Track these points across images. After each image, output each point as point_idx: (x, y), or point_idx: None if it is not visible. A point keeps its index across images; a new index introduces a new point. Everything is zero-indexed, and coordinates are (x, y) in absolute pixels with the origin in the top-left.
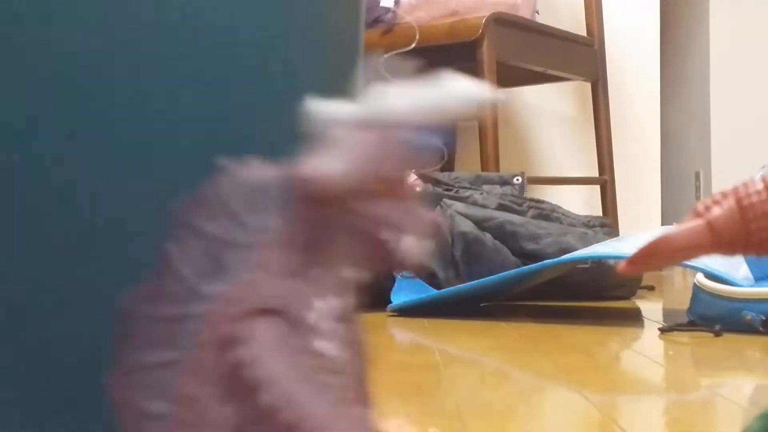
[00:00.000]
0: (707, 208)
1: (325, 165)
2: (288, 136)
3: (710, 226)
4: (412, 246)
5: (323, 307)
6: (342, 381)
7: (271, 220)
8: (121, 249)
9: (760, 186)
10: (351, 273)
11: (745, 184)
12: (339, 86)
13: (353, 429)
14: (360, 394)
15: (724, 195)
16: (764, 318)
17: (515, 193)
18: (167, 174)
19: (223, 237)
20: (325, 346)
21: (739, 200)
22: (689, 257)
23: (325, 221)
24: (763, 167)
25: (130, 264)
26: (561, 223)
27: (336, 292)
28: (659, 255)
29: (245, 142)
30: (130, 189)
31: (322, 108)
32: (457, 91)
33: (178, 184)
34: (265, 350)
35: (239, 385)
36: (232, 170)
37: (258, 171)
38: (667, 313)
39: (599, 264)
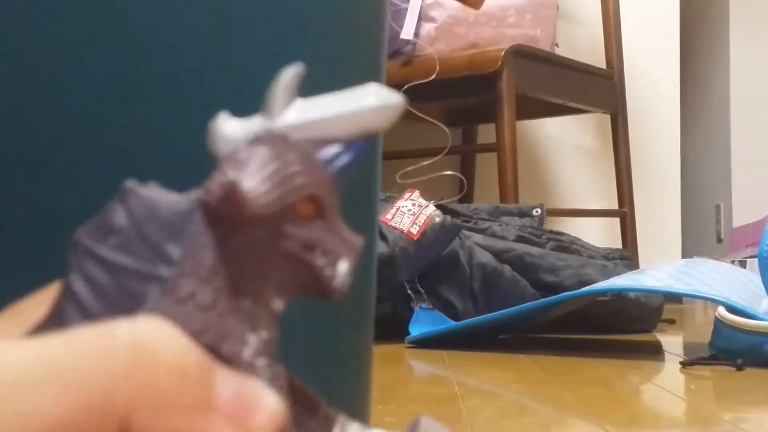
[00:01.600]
0: None
1: (249, 185)
2: None
3: None
4: (345, 270)
5: (256, 342)
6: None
7: (193, 248)
8: None
9: None
10: (280, 303)
11: None
12: None
13: None
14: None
15: None
16: None
17: (534, 224)
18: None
19: (139, 268)
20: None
21: None
22: None
23: (254, 247)
24: None
25: None
26: (580, 255)
27: (267, 324)
28: None
29: None
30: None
31: (230, 126)
32: (365, 100)
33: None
34: None
35: None
36: (142, 193)
37: (174, 195)
38: (688, 347)
39: (619, 296)
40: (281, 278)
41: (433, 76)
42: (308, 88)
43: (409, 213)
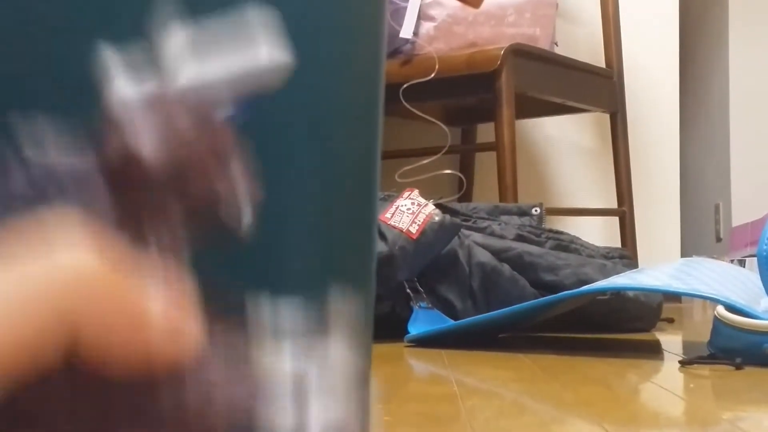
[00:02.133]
0: None
1: (144, 148)
2: (309, 166)
3: None
4: (243, 212)
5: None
6: None
7: (91, 204)
8: None
9: None
10: (187, 248)
11: None
12: (361, 115)
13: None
14: None
15: None
16: None
17: (533, 223)
18: None
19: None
20: None
21: None
22: None
23: (155, 199)
24: None
25: None
26: (580, 254)
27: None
28: None
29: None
30: None
31: (125, 87)
32: (256, 60)
33: None
34: None
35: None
36: (28, 154)
37: (72, 158)
38: (687, 346)
39: (618, 296)
40: (185, 225)
41: (432, 75)
42: (307, 87)
43: (408, 212)
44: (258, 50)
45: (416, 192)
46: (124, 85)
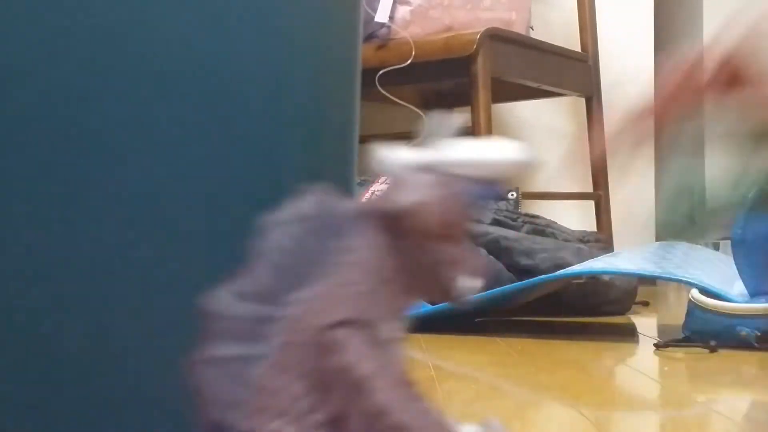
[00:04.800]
0: None
1: (422, 208)
2: (289, 152)
3: None
4: (466, 284)
5: (388, 328)
6: (417, 392)
7: (356, 244)
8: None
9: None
10: (407, 301)
11: None
12: (338, 100)
13: None
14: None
15: None
16: (759, 334)
17: (510, 208)
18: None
19: (308, 253)
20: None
21: None
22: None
23: (407, 254)
24: None
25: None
26: (556, 238)
27: (396, 316)
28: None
29: (249, 158)
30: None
31: (390, 154)
32: (503, 152)
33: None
34: (363, 356)
35: (336, 387)
36: (317, 195)
37: (342, 199)
38: (661, 329)
39: (594, 279)
40: (417, 282)
41: (409, 61)
42: (284, 71)
43: None
44: (506, 150)
45: None
46: (402, 153)
